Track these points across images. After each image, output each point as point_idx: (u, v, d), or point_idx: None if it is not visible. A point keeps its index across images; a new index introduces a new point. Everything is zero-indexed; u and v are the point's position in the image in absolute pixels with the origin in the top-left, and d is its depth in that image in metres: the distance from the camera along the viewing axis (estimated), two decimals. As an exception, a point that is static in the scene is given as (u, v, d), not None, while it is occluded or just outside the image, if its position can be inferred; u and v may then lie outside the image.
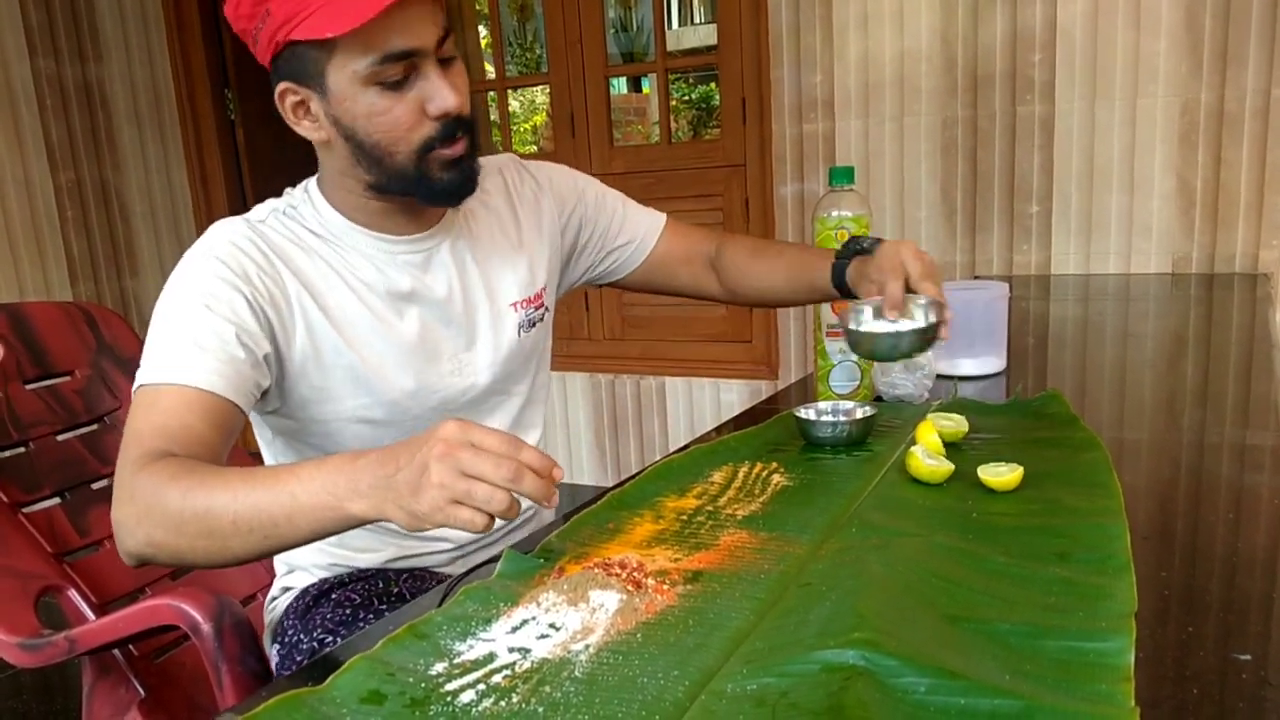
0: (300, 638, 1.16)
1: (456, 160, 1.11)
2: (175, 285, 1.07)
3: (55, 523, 1.37)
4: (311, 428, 1.17)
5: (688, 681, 0.68)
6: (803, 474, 1.11)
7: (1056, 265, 2.74)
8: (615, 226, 1.42)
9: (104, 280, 3.86)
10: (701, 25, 8.61)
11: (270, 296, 1.08)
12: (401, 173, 1.10)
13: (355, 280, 1.16)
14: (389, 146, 1.08)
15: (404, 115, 1.07)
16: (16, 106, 3.53)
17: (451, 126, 1.09)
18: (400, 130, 1.07)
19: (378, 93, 1.05)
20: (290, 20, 1.02)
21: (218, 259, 1.07)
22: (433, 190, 1.13)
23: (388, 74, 1.04)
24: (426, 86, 1.07)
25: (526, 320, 1.29)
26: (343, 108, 1.07)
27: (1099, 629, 0.71)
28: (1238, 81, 2.44)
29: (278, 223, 1.15)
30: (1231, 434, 1.21)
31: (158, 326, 1.04)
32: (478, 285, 1.24)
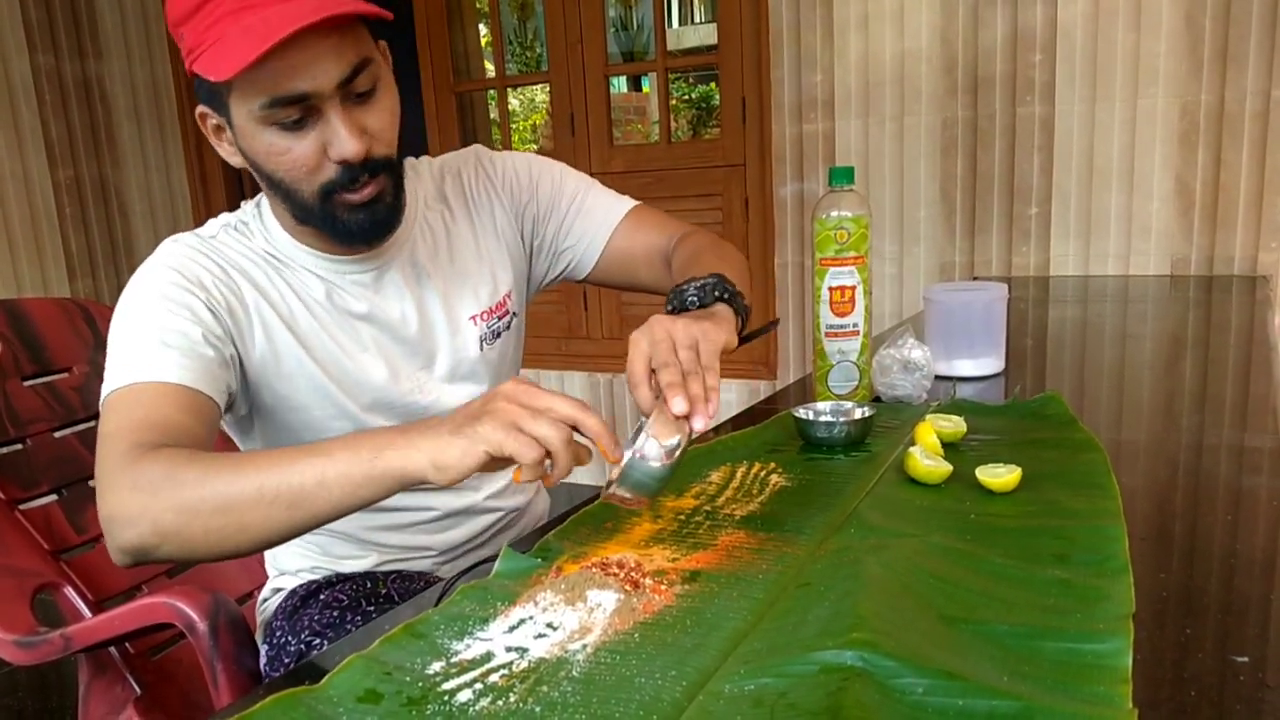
0: (288, 639, 1.16)
1: (365, 203, 1.06)
2: (132, 297, 1.04)
3: (52, 520, 1.37)
4: (280, 438, 1.15)
5: (685, 682, 0.68)
6: (801, 474, 1.11)
7: (1056, 266, 2.74)
8: (569, 223, 1.33)
9: (102, 277, 3.86)
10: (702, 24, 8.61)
11: (227, 303, 1.06)
12: (308, 210, 1.06)
13: (309, 298, 1.13)
14: (291, 185, 1.04)
15: (303, 156, 1.01)
16: (16, 103, 3.53)
17: (352, 172, 1.03)
18: (300, 171, 1.02)
19: (275, 132, 1.00)
20: (193, 51, 0.99)
21: (171, 269, 1.05)
22: (339, 231, 1.08)
23: (280, 116, 0.99)
24: (327, 130, 1.01)
25: (490, 332, 1.25)
26: (245, 143, 1.04)
27: (1097, 630, 0.71)
28: (1237, 83, 2.44)
29: (229, 238, 1.13)
30: (1230, 436, 1.21)
31: (119, 336, 1.01)
32: (433, 302, 1.21)
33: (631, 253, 1.33)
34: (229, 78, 0.94)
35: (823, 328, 1.39)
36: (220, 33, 0.95)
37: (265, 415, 1.14)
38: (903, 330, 1.40)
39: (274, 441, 1.16)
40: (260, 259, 1.13)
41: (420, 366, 1.20)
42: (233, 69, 0.93)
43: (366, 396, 1.16)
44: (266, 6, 0.93)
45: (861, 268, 1.36)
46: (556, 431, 0.77)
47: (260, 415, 1.14)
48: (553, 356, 3.62)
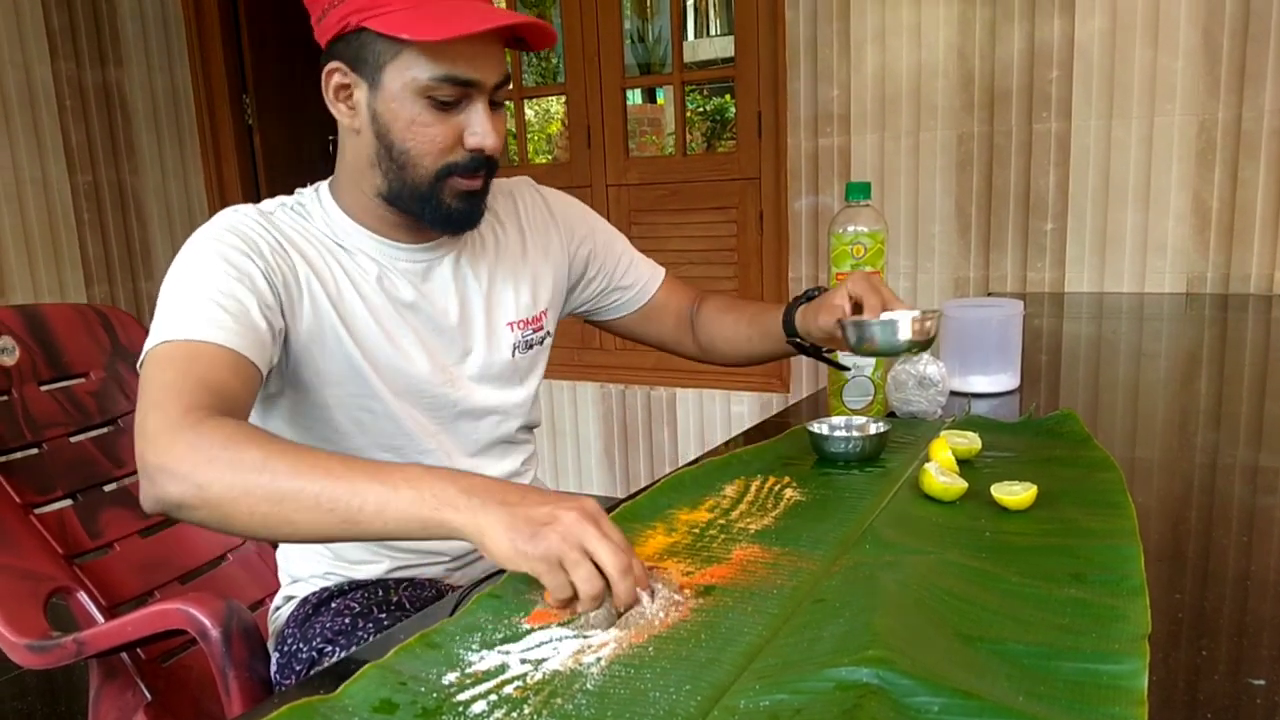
0: (299, 646, 1.16)
1: (471, 193, 1.14)
2: (191, 253, 1.07)
3: (66, 524, 1.38)
4: (312, 414, 1.17)
5: (700, 696, 0.67)
6: (815, 489, 1.11)
7: (1071, 283, 2.73)
8: (622, 268, 1.44)
9: (119, 283, 3.88)
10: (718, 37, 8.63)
11: (281, 274, 1.10)
12: (416, 187, 1.12)
13: (360, 280, 1.17)
14: (416, 158, 1.10)
15: (441, 135, 1.09)
16: (37, 108, 3.55)
17: (478, 162, 1.12)
18: (432, 147, 1.09)
19: (426, 106, 1.07)
20: (369, 8, 1.04)
21: (232, 232, 1.09)
22: (439, 214, 1.14)
23: (442, 93, 1.07)
24: (473, 118, 1.09)
25: (523, 341, 1.29)
26: (388, 107, 1.09)
27: (1113, 651, 0.70)
28: (1255, 101, 2.44)
29: (286, 215, 1.17)
30: (1245, 456, 1.20)
31: (175, 289, 1.04)
32: (476, 301, 1.25)
33: (668, 308, 1.48)
34: (428, 39, 1.02)
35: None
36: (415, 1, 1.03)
37: (300, 391, 1.16)
38: (918, 346, 1.40)
39: (302, 417, 1.18)
40: (316, 239, 1.16)
41: (455, 361, 1.24)
42: (437, 34, 1.02)
43: (400, 383, 1.19)
44: None
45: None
46: (591, 586, 0.78)
47: (294, 390, 1.16)
48: (566, 367, 3.63)
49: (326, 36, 1.09)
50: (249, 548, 1.54)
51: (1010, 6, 2.69)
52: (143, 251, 3.98)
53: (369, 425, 1.18)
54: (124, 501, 1.46)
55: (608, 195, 3.45)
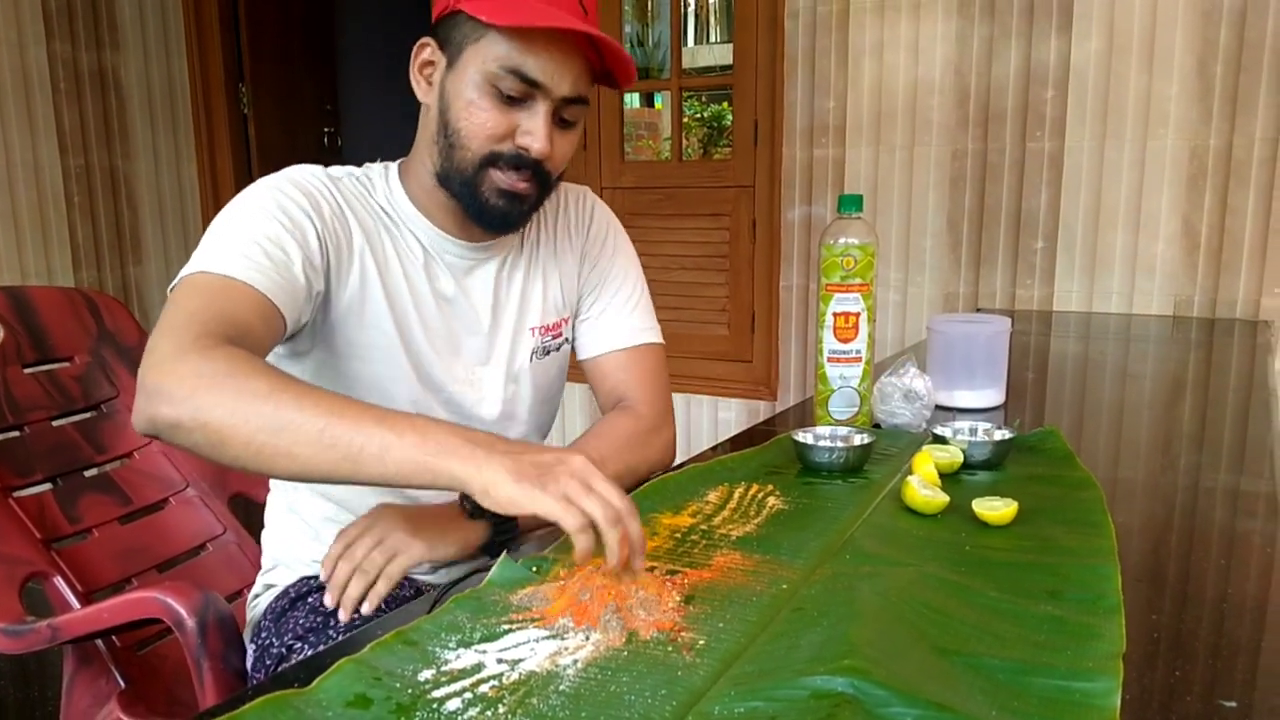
0: (272, 640, 1.15)
1: (512, 193, 1.14)
2: (250, 195, 1.08)
3: (45, 509, 1.37)
4: (336, 383, 1.17)
5: (675, 702, 0.67)
6: (798, 498, 1.11)
7: (1059, 302, 2.74)
8: (597, 310, 1.35)
9: (107, 268, 3.86)
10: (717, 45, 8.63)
11: (335, 236, 1.11)
12: (461, 171, 1.13)
13: (408, 261, 1.19)
14: (465, 139, 1.11)
15: (494, 123, 1.10)
16: (30, 90, 3.53)
17: (522, 159, 1.12)
18: (482, 131, 1.10)
19: (489, 93, 1.09)
20: None
21: (295, 185, 1.10)
22: (477, 204, 1.15)
23: (507, 85, 1.08)
24: (530, 120, 1.10)
25: (541, 347, 1.30)
26: (455, 85, 1.11)
27: (1087, 669, 0.71)
28: (1246, 129, 2.45)
29: (352, 183, 1.18)
30: (1226, 479, 1.21)
31: (226, 225, 1.05)
32: (509, 304, 1.27)
33: (604, 381, 1.37)
34: (508, 24, 1.04)
35: (825, 352, 1.39)
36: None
37: (330, 357, 1.16)
38: (905, 359, 1.40)
39: (324, 382, 1.16)
40: (376, 212, 1.18)
41: (480, 361, 1.25)
42: (519, 21, 1.04)
43: (425, 371, 1.20)
44: (563, 8, 1.07)
45: (866, 295, 1.36)
46: (607, 509, 0.80)
47: (323, 353, 1.16)
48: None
49: (435, 13, 1.13)
50: (229, 538, 1.54)
51: (1008, 25, 2.70)
52: (132, 238, 3.96)
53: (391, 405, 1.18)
54: (104, 487, 1.45)
55: (602, 198, 3.44)
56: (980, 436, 1.24)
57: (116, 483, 1.47)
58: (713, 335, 3.35)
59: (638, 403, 1.33)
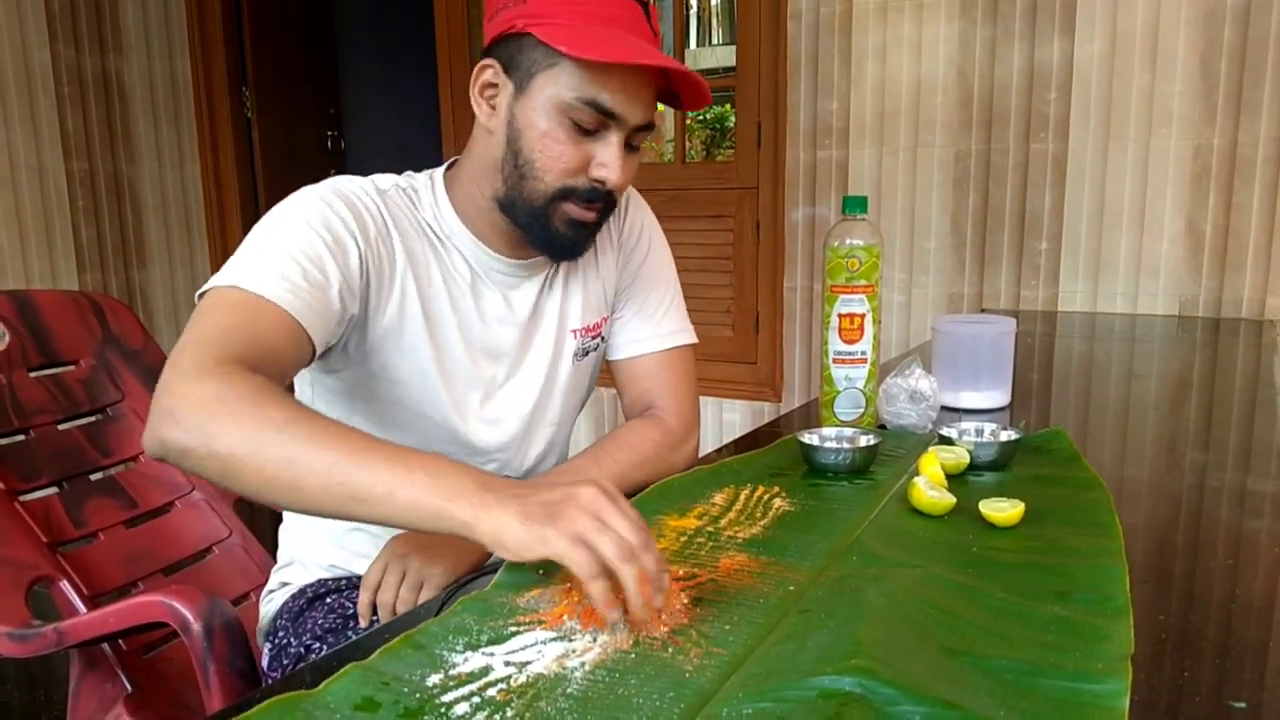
0: (290, 640, 1.16)
1: (582, 223, 1.13)
2: (295, 206, 1.06)
3: (51, 512, 1.37)
4: (369, 406, 1.16)
5: (683, 704, 0.67)
6: (804, 499, 1.11)
7: (1064, 302, 2.74)
8: (631, 311, 1.35)
9: (111, 271, 3.87)
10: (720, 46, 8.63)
11: (378, 259, 1.09)
12: (530, 202, 1.11)
13: (452, 280, 1.16)
14: (539, 171, 1.09)
15: (569, 156, 1.08)
16: (34, 93, 3.54)
17: (597, 193, 1.11)
18: (557, 165, 1.08)
19: (563, 124, 1.07)
20: (541, 17, 1.04)
21: (344, 202, 1.07)
22: (545, 235, 1.13)
23: (583, 116, 1.06)
24: (605, 151, 1.09)
25: (582, 349, 1.29)
26: (527, 115, 1.08)
27: (1095, 670, 0.70)
28: (1251, 128, 2.45)
29: (399, 197, 1.16)
30: (1232, 479, 1.20)
31: (265, 232, 1.03)
32: (550, 312, 1.25)
33: (636, 384, 1.36)
34: (582, 57, 1.02)
35: (831, 354, 1.39)
36: (581, 19, 1.04)
37: (364, 378, 1.15)
38: (910, 360, 1.40)
39: (357, 402, 1.17)
40: (422, 229, 1.16)
41: (523, 375, 1.24)
42: (593, 54, 1.01)
43: (466, 395, 1.18)
44: (634, 33, 1.06)
45: (871, 296, 1.36)
46: (618, 549, 0.77)
47: (358, 374, 1.15)
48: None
49: (494, 32, 1.09)
50: (235, 541, 1.54)
51: (1010, 27, 2.70)
52: (136, 240, 3.97)
53: (425, 430, 1.17)
54: (110, 491, 1.45)
55: (604, 200, 3.45)
56: (986, 437, 1.24)
57: (122, 486, 1.47)
58: (717, 337, 3.35)
59: (666, 412, 1.32)
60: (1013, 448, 1.21)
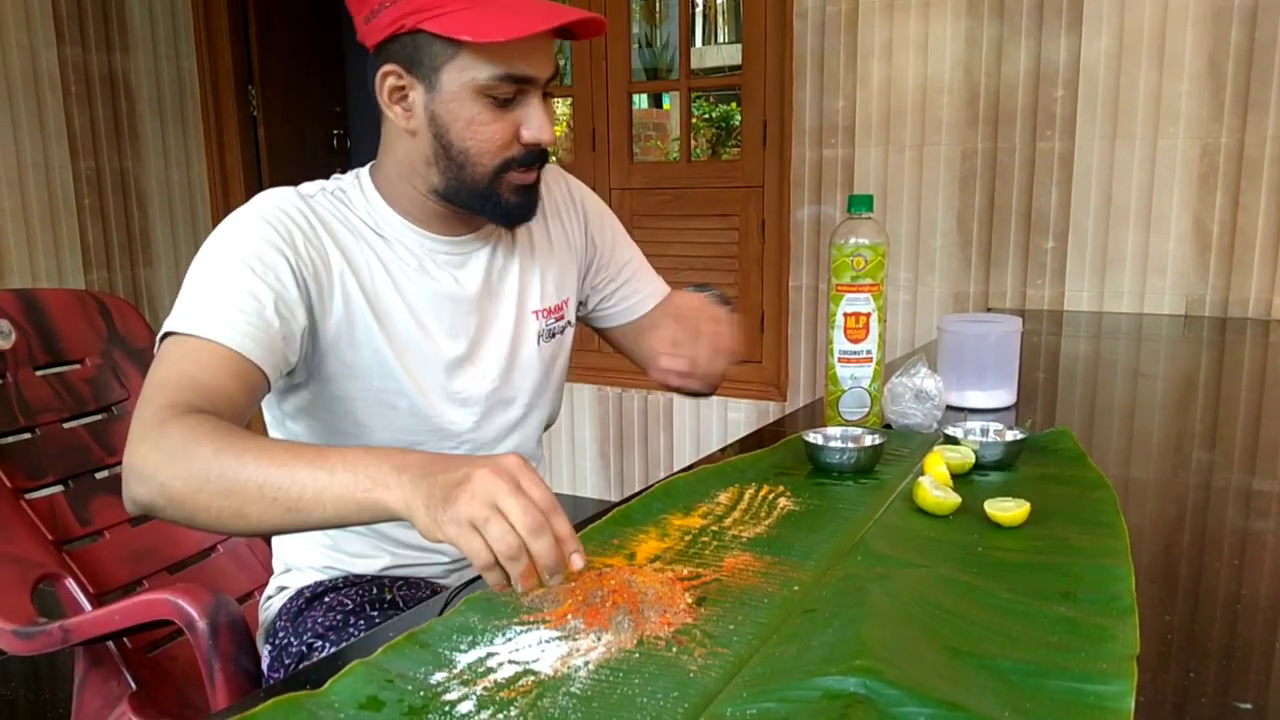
0: (290, 640, 1.16)
1: (527, 186, 1.15)
2: (220, 241, 1.07)
3: (57, 510, 1.37)
4: (335, 405, 1.16)
5: (687, 703, 0.67)
6: (809, 499, 1.11)
7: (1070, 301, 2.74)
8: (622, 278, 1.41)
9: (117, 269, 3.87)
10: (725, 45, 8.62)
11: (313, 266, 1.09)
12: (475, 184, 1.12)
13: (397, 272, 1.17)
14: (475, 157, 1.10)
15: (499, 133, 1.09)
16: (41, 92, 3.55)
17: (534, 155, 1.13)
18: (491, 145, 1.10)
19: (485, 105, 1.08)
20: (426, 10, 1.03)
21: (265, 221, 1.08)
22: (498, 209, 1.15)
23: (501, 91, 1.07)
24: (528, 114, 1.10)
25: (546, 330, 1.29)
26: (446, 108, 1.08)
27: (1101, 671, 0.70)
28: (1258, 127, 2.44)
29: (327, 200, 1.16)
30: (1238, 479, 1.20)
31: (197, 278, 1.04)
32: (508, 291, 1.25)
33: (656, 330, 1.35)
34: (491, 41, 1.02)
35: (836, 353, 1.39)
36: (471, 2, 1.03)
37: (324, 383, 1.15)
38: (916, 359, 1.40)
39: (323, 410, 1.17)
40: (355, 226, 1.16)
41: (483, 349, 1.23)
42: (501, 35, 1.02)
43: (429, 375, 1.18)
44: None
45: (877, 295, 1.36)
46: (503, 544, 0.74)
47: (318, 382, 1.15)
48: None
49: (377, 37, 1.08)
50: (238, 540, 1.54)
51: (1017, 25, 2.69)
52: (142, 239, 3.97)
53: (392, 420, 1.18)
54: (115, 489, 1.45)
55: (611, 199, 3.45)
56: (992, 437, 1.24)
57: (128, 484, 1.47)
58: (722, 336, 3.34)
59: None
60: (1018, 447, 1.21)
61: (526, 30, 1.02)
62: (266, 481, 0.84)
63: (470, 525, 0.75)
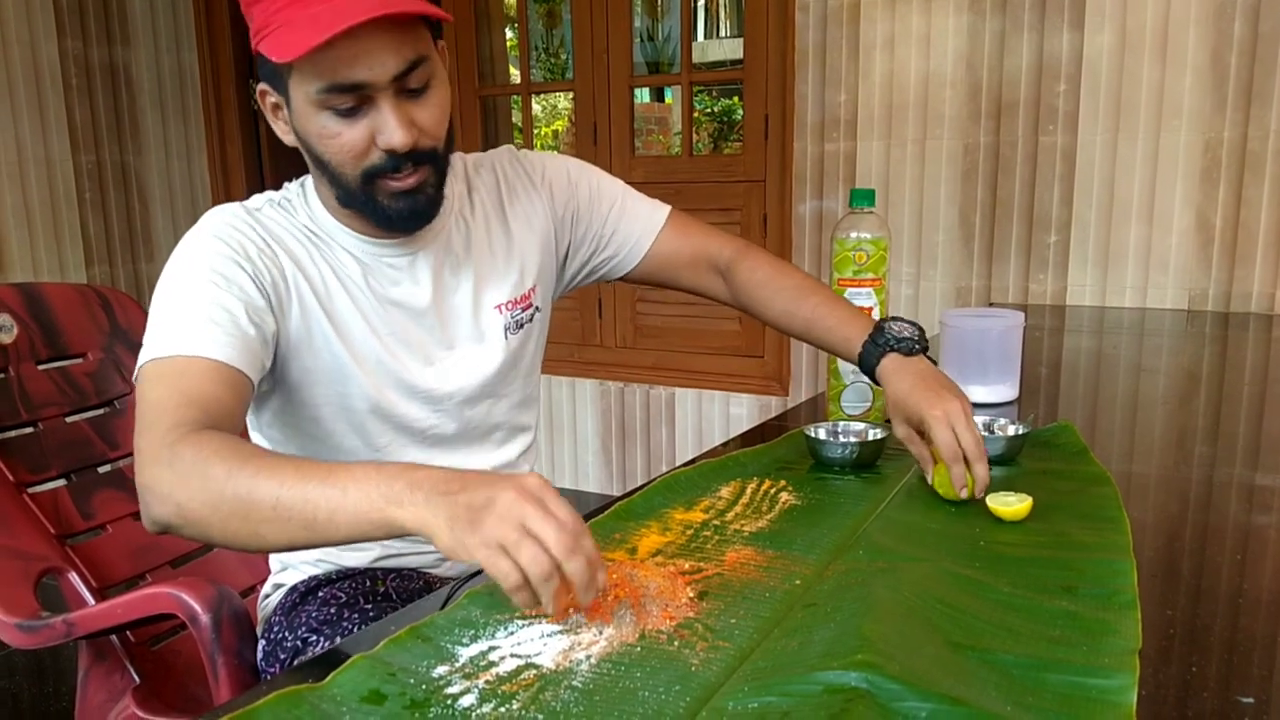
0: (284, 635, 1.16)
1: (407, 191, 1.10)
2: (179, 265, 1.07)
3: (60, 504, 1.37)
4: (300, 411, 1.17)
5: (689, 697, 0.67)
6: (811, 493, 1.11)
7: (1072, 296, 2.73)
8: (611, 224, 1.37)
9: (119, 263, 3.87)
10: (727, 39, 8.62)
11: (270, 276, 1.09)
12: (351, 193, 1.11)
13: (346, 278, 1.16)
14: (338, 167, 1.08)
15: (352, 141, 1.06)
16: (42, 86, 3.54)
17: (399, 160, 1.07)
18: (347, 155, 1.07)
19: (329, 116, 1.05)
20: (260, 32, 1.03)
21: (218, 239, 1.08)
22: (379, 215, 1.12)
23: (336, 102, 1.03)
24: (378, 119, 1.05)
25: (513, 322, 1.27)
26: (300, 123, 1.08)
27: (1103, 665, 0.70)
28: (1261, 121, 2.44)
29: (274, 211, 1.16)
30: (1241, 474, 1.20)
31: (164, 304, 1.04)
32: (463, 289, 1.23)
33: (677, 257, 1.39)
34: (291, 60, 0.98)
35: (837, 347, 1.38)
36: (288, 17, 0.99)
37: (288, 390, 1.15)
38: (918, 354, 1.39)
39: (291, 416, 1.17)
40: (302, 235, 1.16)
41: (445, 352, 1.22)
42: (296, 52, 0.97)
43: (389, 380, 1.18)
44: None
45: (879, 289, 1.36)
46: (538, 567, 0.75)
47: (283, 389, 1.15)
48: (565, 363, 3.62)
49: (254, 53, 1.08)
50: (241, 533, 1.54)
51: (1020, 19, 2.69)
52: (144, 232, 3.97)
53: (357, 424, 1.18)
54: (117, 483, 1.46)
55: (612, 193, 3.44)
56: (994, 432, 1.24)
57: (129, 479, 1.47)
58: (724, 330, 3.35)
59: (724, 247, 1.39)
60: (1020, 442, 1.21)
61: (317, 40, 0.96)
62: (280, 499, 0.84)
63: (500, 548, 0.75)
